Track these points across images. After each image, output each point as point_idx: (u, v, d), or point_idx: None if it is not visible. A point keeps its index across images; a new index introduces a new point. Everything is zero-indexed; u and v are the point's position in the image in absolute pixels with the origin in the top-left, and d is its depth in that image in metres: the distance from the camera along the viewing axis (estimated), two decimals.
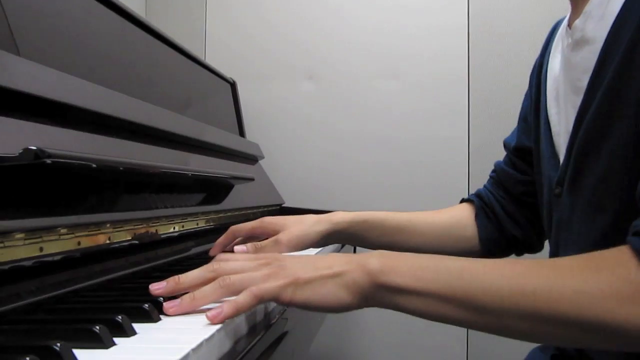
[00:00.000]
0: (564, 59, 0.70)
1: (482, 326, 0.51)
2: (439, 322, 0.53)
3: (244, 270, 0.56)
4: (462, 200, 0.98)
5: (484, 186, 0.96)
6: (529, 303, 0.48)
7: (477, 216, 0.91)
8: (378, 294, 0.53)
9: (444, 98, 1.67)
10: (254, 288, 0.53)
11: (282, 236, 0.80)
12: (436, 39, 1.68)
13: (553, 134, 0.73)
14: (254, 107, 1.74)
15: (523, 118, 0.88)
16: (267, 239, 0.80)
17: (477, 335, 1.65)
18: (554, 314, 0.47)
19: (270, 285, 0.53)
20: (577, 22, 0.66)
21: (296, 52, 1.75)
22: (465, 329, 1.65)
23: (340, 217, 0.87)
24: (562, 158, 0.69)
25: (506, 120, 1.64)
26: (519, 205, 0.88)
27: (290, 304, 0.54)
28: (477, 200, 0.93)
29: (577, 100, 0.64)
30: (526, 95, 0.88)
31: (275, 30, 1.77)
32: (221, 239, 0.83)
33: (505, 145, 0.93)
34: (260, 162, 1.57)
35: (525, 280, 0.49)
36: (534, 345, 0.80)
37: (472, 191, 1.62)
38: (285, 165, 1.72)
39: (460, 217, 0.93)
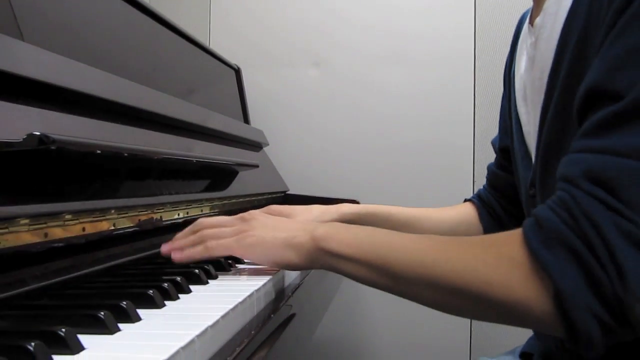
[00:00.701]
0: (528, 58, 0.69)
1: (398, 292, 0.56)
2: (368, 286, 0.59)
3: (223, 231, 0.66)
4: (465, 200, 0.99)
5: (484, 187, 0.97)
6: (429, 273, 0.52)
7: (480, 215, 0.93)
8: (320, 257, 0.60)
9: (449, 83, 1.66)
10: (209, 242, 0.65)
11: None
12: (442, 23, 1.67)
13: (524, 134, 0.72)
14: (258, 94, 1.73)
15: (502, 118, 0.88)
16: None
17: (480, 324, 1.66)
18: (448, 284, 0.51)
19: (226, 241, 0.64)
20: (537, 19, 0.65)
21: (301, 38, 1.74)
22: (469, 323, 1.65)
23: (347, 208, 0.89)
24: (533, 159, 0.68)
25: None
26: (514, 204, 0.87)
27: (243, 257, 0.69)
28: (478, 201, 0.94)
29: (540, 99, 0.64)
30: (503, 94, 0.88)
31: (281, 17, 1.75)
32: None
33: (493, 146, 0.94)
34: (265, 149, 1.57)
35: (430, 253, 0.54)
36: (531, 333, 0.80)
37: (477, 173, 1.64)
38: (289, 152, 1.72)
39: (466, 216, 0.94)
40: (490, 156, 0.98)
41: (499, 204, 0.91)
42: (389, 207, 0.93)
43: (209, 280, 0.66)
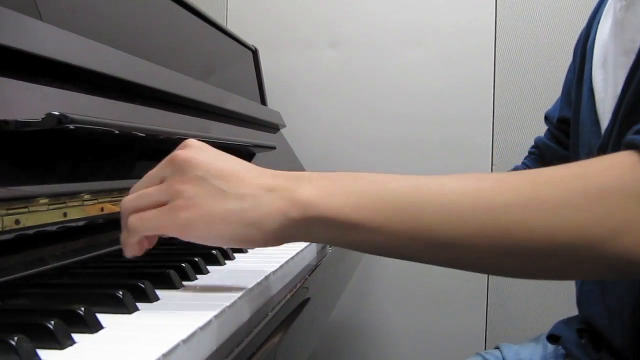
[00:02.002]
0: (615, 23, 0.67)
1: (445, 259, 0.42)
2: (391, 258, 0.44)
3: (143, 195, 0.47)
4: None
5: (523, 163, 0.94)
6: (499, 223, 0.38)
7: None
8: (309, 229, 0.43)
9: (468, 67, 1.63)
10: (130, 222, 0.46)
11: None
12: (462, 6, 1.64)
13: (597, 102, 0.70)
14: (275, 75, 1.72)
15: (566, 91, 0.86)
16: None
17: (498, 309, 1.65)
18: (529, 232, 0.38)
19: (154, 217, 0.45)
20: None
21: (319, 19, 1.72)
22: (485, 309, 1.65)
23: None
24: (604, 125, 0.66)
25: (533, 93, 1.62)
26: None
27: (181, 238, 0.46)
28: None
29: (628, 61, 0.60)
30: (569, 68, 0.86)
31: None
32: None
33: (548, 118, 0.91)
34: (282, 130, 1.56)
35: (493, 195, 0.39)
36: (558, 318, 0.79)
37: (496, 166, 1.62)
38: (306, 133, 1.71)
39: None
40: (509, 147, 0.96)
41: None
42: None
43: (226, 262, 0.66)
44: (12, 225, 0.48)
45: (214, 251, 0.65)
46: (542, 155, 0.91)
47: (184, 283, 0.54)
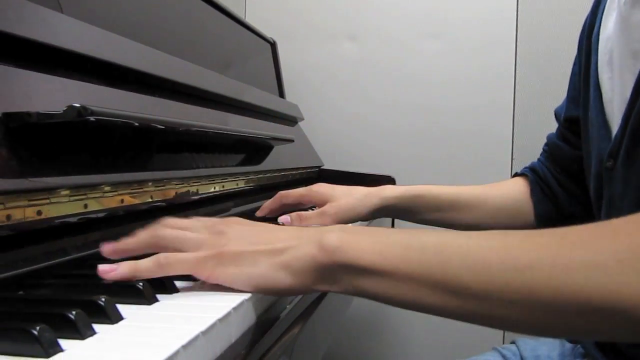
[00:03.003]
0: (621, 18, 0.63)
1: (467, 313, 0.40)
2: (413, 310, 0.43)
3: (185, 242, 0.48)
4: (515, 175, 0.93)
5: (539, 160, 0.91)
6: (524, 280, 0.37)
7: (532, 192, 0.87)
8: (335, 276, 0.44)
9: (489, 59, 1.62)
10: (163, 258, 0.47)
11: (329, 208, 0.80)
12: None
13: (604, 101, 0.67)
14: (294, 68, 1.72)
15: (572, 86, 0.82)
16: (313, 208, 0.80)
17: None
18: (555, 292, 0.37)
19: (186, 257, 0.46)
20: None
21: (338, 11, 1.71)
22: None
23: (390, 191, 0.85)
24: (615, 128, 0.63)
25: (555, 85, 1.59)
26: (576, 181, 0.82)
27: (209, 280, 0.46)
28: (532, 175, 0.88)
29: (635, 64, 0.58)
30: (575, 59, 0.82)
31: None
32: (268, 203, 0.83)
33: (556, 116, 0.88)
34: (300, 123, 1.56)
35: (521, 252, 0.39)
36: None
37: (516, 160, 1.60)
38: (324, 127, 1.71)
39: (515, 193, 0.89)
40: (531, 138, 0.94)
41: (556, 180, 0.85)
42: (433, 187, 0.87)
43: None
44: (34, 216, 0.49)
45: None
46: (552, 154, 0.88)
47: None
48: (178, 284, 0.49)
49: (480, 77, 1.62)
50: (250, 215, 0.84)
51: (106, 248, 0.51)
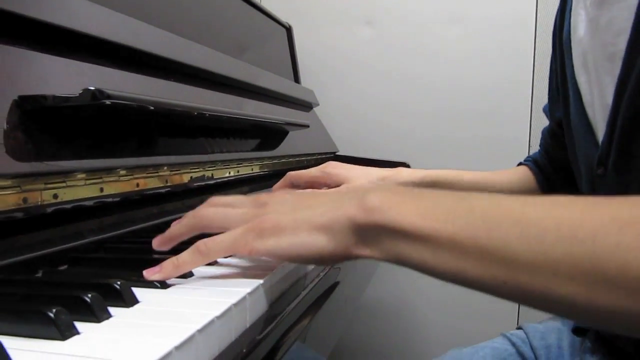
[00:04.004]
0: (589, 19, 0.60)
1: (515, 288, 0.35)
2: (455, 284, 0.38)
3: (227, 219, 0.47)
4: (519, 164, 0.93)
5: (538, 151, 0.91)
6: (586, 250, 0.32)
7: (537, 181, 0.87)
8: (376, 238, 0.40)
9: (507, 43, 1.59)
10: (202, 245, 0.45)
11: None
12: None
13: (585, 105, 0.63)
14: (309, 53, 1.71)
15: (551, 85, 0.80)
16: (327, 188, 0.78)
17: None
18: (623, 266, 0.31)
19: (224, 238, 0.45)
20: None
21: None
22: None
23: (407, 175, 0.83)
24: (600, 134, 0.60)
25: None
26: (571, 176, 0.79)
27: (251, 254, 0.44)
28: (534, 166, 0.88)
29: (613, 67, 0.55)
30: (552, 57, 0.78)
31: None
32: (277, 185, 0.81)
33: (545, 114, 0.87)
34: (315, 109, 1.55)
35: (582, 220, 0.33)
36: None
37: (533, 144, 1.58)
38: (340, 112, 1.70)
39: (525, 181, 0.88)
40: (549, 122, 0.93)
41: (555, 172, 0.85)
42: (450, 172, 0.85)
43: None
44: (51, 200, 0.49)
45: None
46: (545, 148, 0.86)
47: (218, 260, 0.54)
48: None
49: (499, 60, 1.59)
50: None
51: (155, 242, 0.50)
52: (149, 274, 0.45)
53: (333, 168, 0.78)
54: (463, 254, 0.36)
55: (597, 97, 0.60)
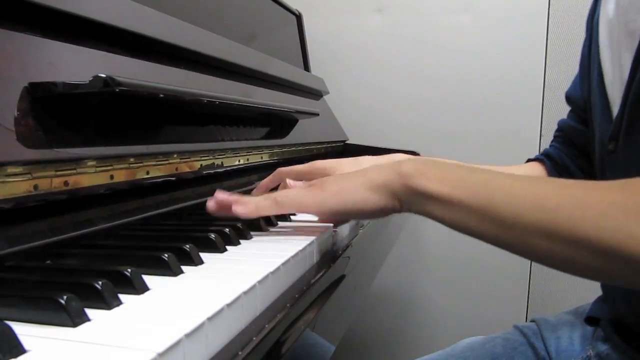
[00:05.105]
0: (617, 0, 0.63)
1: (504, 242, 0.48)
2: (465, 234, 0.50)
3: (294, 185, 0.62)
4: (529, 160, 0.91)
5: (552, 145, 0.89)
6: (549, 220, 0.44)
7: (550, 175, 0.85)
8: (409, 198, 0.53)
9: (519, 33, 1.57)
10: (278, 196, 0.58)
11: None
12: None
13: (606, 84, 0.66)
14: (319, 41, 1.70)
15: (583, 68, 0.80)
16: None
17: (540, 281, 1.62)
18: (574, 233, 0.43)
19: (295, 194, 0.58)
20: None
21: None
22: (528, 279, 1.62)
23: (400, 159, 0.81)
24: (616, 110, 0.62)
25: None
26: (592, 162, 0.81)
27: (319, 211, 0.58)
28: (548, 161, 0.87)
29: (632, 43, 0.57)
30: (584, 42, 0.80)
31: None
32: (266, 181, 0.79)
33: (569, 99, 0.86)
34: (325, 97, 1.55)
35: (550, 196, 0.45)
36: (597, 295, 0.77)
37: (544, 136, 1.56)
38: (350, 101, 1.69)
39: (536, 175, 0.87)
40: (560, 114, 0.91)
41: (575, 164, 0.84)
42: (458, 163, 0.86)
43: (269, 228, 0.66)
44: (61, 187, 0.49)
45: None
46: (568, 138, 0.86)
47: (228, 247, 0.54)
48: (203, 256, 0.49)
49: (510, 50, 1.58)
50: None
51: (218, 200, 0.60)
52: (235, 206, 0.57)
53: (322, 162, 0.80)
54: (469, 214, 0.49)
55: (617, 73, 0.62)
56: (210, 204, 0.60)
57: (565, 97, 0.87)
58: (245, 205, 0.58)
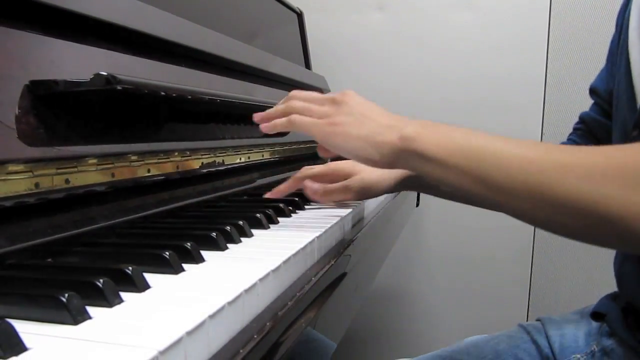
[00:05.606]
0: None
1: (493, 203, 0.52)
2: (459, 195, 0.58)
3: (311, 109, 0.63)
4: None
5: (570, 139, 0.90)
6: (533, 182, 0.47)
7: None
8: (407, 158, 0.56)
9: (520, 31, 1.57)
10: (293, 117, 0.63)
11: (353, 183, 0.79)
12: None
13: (633, 76, 0.66)
14: (320, 39, 1.69)
15: (611, 62, 0.81)
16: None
17: (540, 282, 1.62)
18: (556, 195, 0.46)
19: (309, 120, 0.62)
20: None
21: None
22: (529, 278, 1.62)
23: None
24: None
25: (588, 56, 1.55)
26: None
27: (322, 142, 0.63)
28: None
29: None
30: (613, 37, 0.81)
31: None
32: (294, 181, 0.81)
33: (593, 91, 0.86)
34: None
35: (536, 160, 0.48)
36: (603, 292, 0.77)
37: (546, 135, 1.56)
38: None
39: None
40: (562, 112, 0.92)
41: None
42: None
43: (270, 225, 0.66)
44: (62, 185, 0.49)
45: (258, 215, 0.65)
46: (590, 131, 0.86)
47: (229, 245, 0.54)
48: (204, 254, 0.49)
49: (511, 48, 1.57)
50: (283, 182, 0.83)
51: (256, 116, 0.67)
52: (256, 117, 0.66)
53: (337, 163, 0.83)
54: (463, 176, 0.52)
55: None
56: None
57: (590, 89, 0.87)
58: (267, 122, 0.65)
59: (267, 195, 0.80)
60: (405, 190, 0.90)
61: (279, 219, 0.69)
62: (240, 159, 0.86)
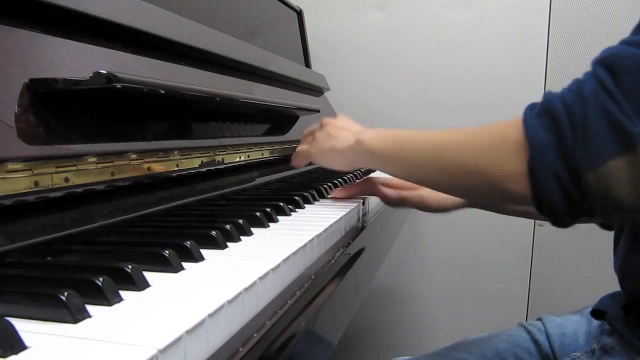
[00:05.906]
0: None
1: (418, 179, 0.67)
2: (404, 180, 0.74)
3: (306, 139, 0.83)
4: None
5: None
6: (437, 156, 0.59)
7: None
8: (362, 157, 0.71)
9: (520, 30, 1.57)
10: (297, 149, 0.83)
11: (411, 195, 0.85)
12: None
13: None
14: (320, 37, 1.69)
15: None
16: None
17: (540, 281, 1.62)
18: (450, 164, 0.58)
19: (302, 147, 0.82)
20: None
21: None
22: (528, 278, 1.62)
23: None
24: None
25: (589, 55, 1.54)
26: None
27: (313, 161, 0.81)
28: None
29: None
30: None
31: None
32: (362, 186, 0.87)
33: None
34: (326, 94, 1.55)
35: (443, 141, 0.59)
36: (603, 291, 0.77)
37: None
38: (350, 97, 1.69)
39: None
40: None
41: None
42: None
43: (270, 224, 0.66)
44: (62, 183, 0.49)
45: (257, 213, 0.65)
46: None
47: (228, 244, 0.54)
48: (204, 252, 0.49)
49: (512, 47, 1.57)
50: (283, 181, 0.83)
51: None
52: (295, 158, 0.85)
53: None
54: (396, 162, 0.66)
55: None
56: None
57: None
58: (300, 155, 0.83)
59: (333, 195, 0.87)
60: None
61: (279, 217, 0.69)
62: (240, 157, 0.86)
